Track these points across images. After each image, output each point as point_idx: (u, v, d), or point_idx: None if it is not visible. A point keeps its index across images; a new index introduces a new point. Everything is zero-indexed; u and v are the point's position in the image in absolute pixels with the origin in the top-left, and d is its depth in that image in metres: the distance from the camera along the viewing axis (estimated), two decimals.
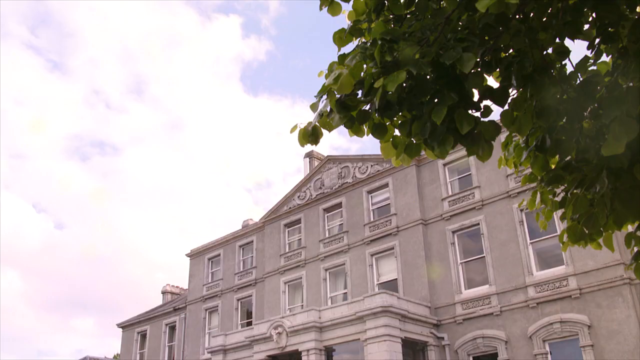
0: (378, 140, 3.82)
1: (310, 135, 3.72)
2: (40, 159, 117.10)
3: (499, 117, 4.01)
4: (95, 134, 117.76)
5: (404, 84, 3.47)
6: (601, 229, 4.22)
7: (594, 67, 4.01)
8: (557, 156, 4.15)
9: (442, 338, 23.36)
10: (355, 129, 3.67)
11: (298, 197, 31.88)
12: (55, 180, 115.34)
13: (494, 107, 3.76)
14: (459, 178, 25.95)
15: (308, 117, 3.82)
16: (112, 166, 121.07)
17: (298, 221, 31.44)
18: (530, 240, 22.58)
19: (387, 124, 3.78)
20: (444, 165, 26.18)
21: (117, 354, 46.24)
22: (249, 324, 30.56)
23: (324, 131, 3.79)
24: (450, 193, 25.70)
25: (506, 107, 3.75)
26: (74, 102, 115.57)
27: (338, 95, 3.54)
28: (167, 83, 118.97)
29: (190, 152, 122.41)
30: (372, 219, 28.00)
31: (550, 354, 20.80)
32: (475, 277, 23.99)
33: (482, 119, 3.59)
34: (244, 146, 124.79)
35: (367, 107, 3.65)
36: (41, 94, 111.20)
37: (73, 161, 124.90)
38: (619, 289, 19.85)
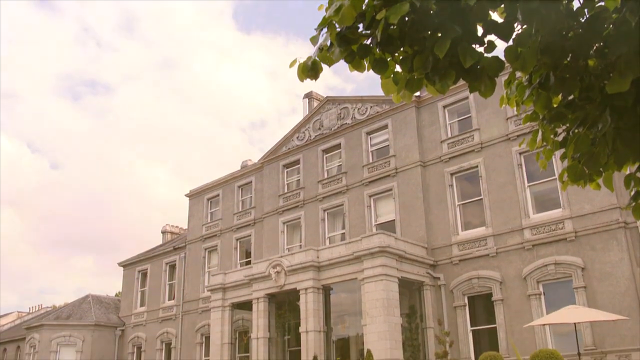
0: (374, 81, 3.78)
1: (310, 69, 3.63)
2: (33, 99, 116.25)
3: (502, 56, 3.92)
4: (86, 72, 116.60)
5: (406, 18, 3.38)
6: (601, 169, 4.20)
7: (602, 3, 3.90)
8: (560, 95, 4.09)
9: (438, 278, 23.76)
10: (355, 64, 3.59)
11: (297, 137, 31.80)
12: (48, 119, 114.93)
13: (497, 44, 3.67)
14: (459, 120, 25.82)
15: (303, 56, 3.72)
16: (104, 105, 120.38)
17: (297, 162, 31.47)
18: (528, 183, 22.67)
19: (389, 59, 3.70)
20: (444, 107, 26.01)
21: (119, 292, 47.12)
22: (248, 263, 30.99)
23: (321, 71, 3.70)
24: (449, 135, 25.63)
25: (510, 42, 3.66)
26: (64, 39, 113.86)
27: (339, 28, 3.45)
28: (157, 20, 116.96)
29: (183, 90, 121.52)
30: (370, 160, 28.02)
31: (544, 294, 21.19)
32: (472, 219, 24.20)
33: (485, 55, 3.51)
34: (237, 85, 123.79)
35: (369, 41, 3.57)
36: (30, 31, 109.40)
37: (65, 100, 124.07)
38: (614, 232, 20.05)
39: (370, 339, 20.79)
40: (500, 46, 3.67)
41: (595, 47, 3.80)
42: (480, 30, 3.52)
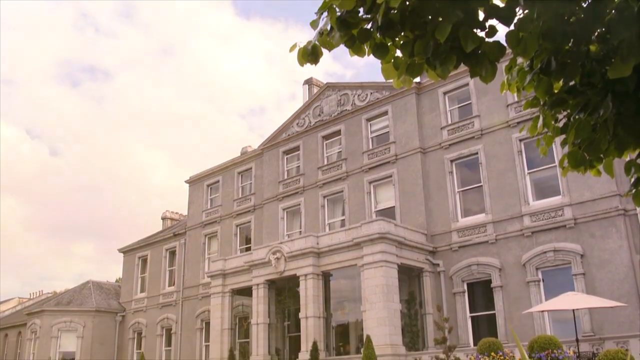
0: (374, 68, 3.75)
1: (310, 54, 3.61)
2: (31, 85, 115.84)
3: (504, 40, 3.89)
4: (85, 59, 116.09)
5: (407, 2, 3.35)
6: (601, 155, 4.18)
7: None
8: (561, 81, 4.06)
9: (438, 264, 23.81)
10: (356, 48, 3.56)
11: (297, 124, 31.74)
12: (47, 106, 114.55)
13: (499, 28, 3.64)
14: (459, 107, 25.75)
15: (302, 41, 3.68)
16: (103, 91, 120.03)
17: (297, 148, 31.43)
18: (528, 170, 22.65)
19: (389, 44, 3.68)
20: (444, 93, 25.93)
21: (119, 278, 47.24)
22: (248, 249, 31.06)
23: (321, 55, 3.67)
24: (449, 122, 25.57)
25: (512, 27, 3.64)
26: (63, 25, 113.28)
27: (339, 12, 3.42)
28: (156, 6, 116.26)
29: (182, 76, 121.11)
30: (370, 147, 27.98)
31: (543, 281, 21.25)
32: (472, 206, 24.22)
33: (486, 39, 3.49)
34: (236, 71, 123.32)
35: (369, 25, 3.54)
36: (29, 17, 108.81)
37: (64, 87, 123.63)
38: (613, 220, 20.07)
39: (369, 325, 20.89)
40: (502, 31, 3.65)
41: (597, 32, 3.77)
42: (481, 15, 3.49)
